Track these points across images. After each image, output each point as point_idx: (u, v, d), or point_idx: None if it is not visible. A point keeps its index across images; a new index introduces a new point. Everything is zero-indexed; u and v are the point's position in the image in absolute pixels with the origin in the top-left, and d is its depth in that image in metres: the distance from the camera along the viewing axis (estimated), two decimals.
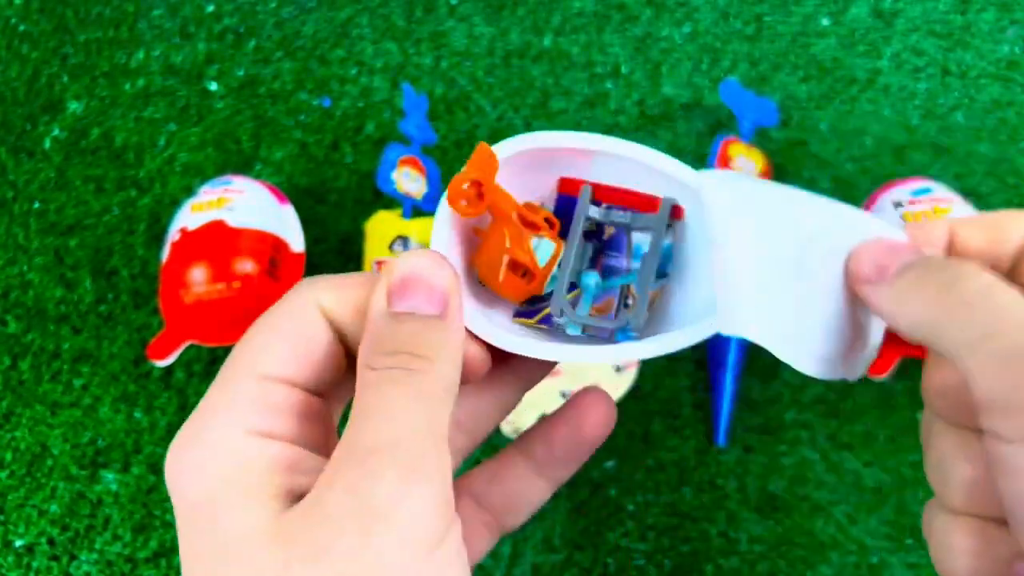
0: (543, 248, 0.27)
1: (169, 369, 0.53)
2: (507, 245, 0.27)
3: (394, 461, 0.20)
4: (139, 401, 0.53)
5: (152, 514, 0.50)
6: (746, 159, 0.53)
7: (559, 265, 0.28)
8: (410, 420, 0.21)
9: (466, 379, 0.24)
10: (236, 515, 0.20)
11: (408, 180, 0.53)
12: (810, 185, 0.57)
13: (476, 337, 0.25)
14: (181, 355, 0.53)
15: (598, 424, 0.27)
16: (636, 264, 0.28)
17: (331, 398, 0.25)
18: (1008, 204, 0.55)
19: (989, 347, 0.20)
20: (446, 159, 0.59)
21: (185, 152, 0.60)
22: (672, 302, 0.28)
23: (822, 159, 0.57)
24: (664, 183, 0.27)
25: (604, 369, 0.47)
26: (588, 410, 0.27)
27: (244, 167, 0.59)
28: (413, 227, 0.52)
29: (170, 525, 0.49)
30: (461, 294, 0.24)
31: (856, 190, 0.56)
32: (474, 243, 0.29)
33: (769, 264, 0.26)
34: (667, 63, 0.61)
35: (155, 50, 0.64)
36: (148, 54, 0.64)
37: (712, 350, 0.51)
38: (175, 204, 0.58)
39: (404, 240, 0.52)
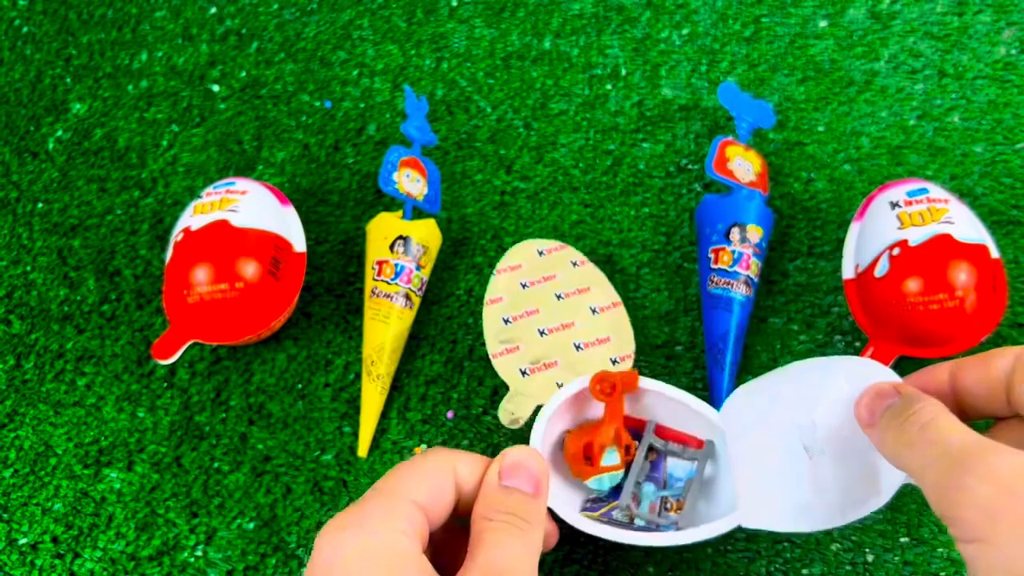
0: (610, 455, 0.43)
1: (172, 368, 0.54)
2: (598, 434, 0.42)
3: None
4: (142, 400, 0.53)
5: (155, 512, 0.50)
6: (743, 160, 0.54)
7: (626, 473, 0.44)
8: (519, 554, 0.32)
9: (545, 546, 0.37)
10: None
11: (409, 181, 0.54)
12: (807, 186, 0.57)
13: (552, 518, 0.39)
14: (184, 354, 0.54)
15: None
16: (673, 482, 0.45)
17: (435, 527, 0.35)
18: (1003, 205, 0.55)
19: (927, 475, 0.28)
20: (447, 160, 0.59)
21: (188, 153, 0.61)
22: (700, 504, 0.44)
23: (819, 160, 0.58)
24: (698, 420, 0.44)
25: (602, 363, 0.48)
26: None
27: (246, 168, 0.60)
28: (414, 228, 0.53)
29: (173, 523, 0.50)
30: (548, 480, 0.37)
31: (853, 191, 0.56)
32: (560, 438, 0.45)
33: (776, 458, 0.38)
34: (666, 65, 0.62)
35: (158, 52, 0.64)
36: (151, 56, 0.64)
37: (709, 349, 0.51)
38: (178, 205, 0.58)
39: (405, 240, 0.52)
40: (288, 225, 0.53)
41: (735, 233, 0.51)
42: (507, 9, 0.64)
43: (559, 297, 0.51)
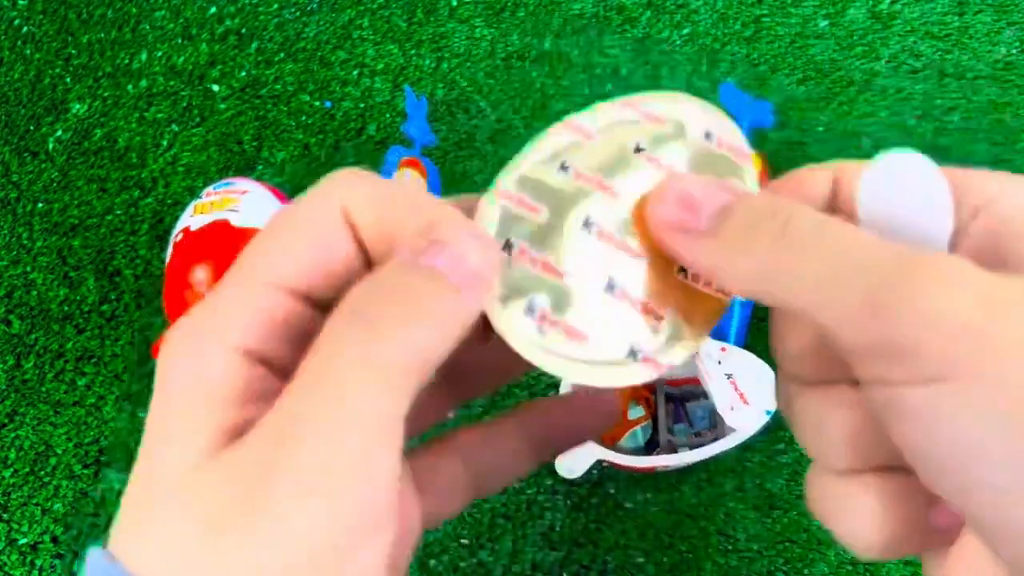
0: (635, 410, 0.47)
1: None
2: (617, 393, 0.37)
3: (311, 458, 0.17)
4: (142, 400, 0.53)
5: None
6: None
7: (654, 426, 0.51)
8: (350, 399, 0.17)
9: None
10: (177, 441, 0.19)
11: (410, 181, 0.54)
12: None
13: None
14: None
15: (599, 423, 0.28)
16: (697, 420, 0.52)
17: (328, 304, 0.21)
18: None
19: (843, 294, 0.18)
20: (447, 160, 0.59)
21: (188, 153, 0.61)
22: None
23: (820, 160, 0.58)
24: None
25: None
26: (593, 407, 0.27)
27: (246, 168, 0.60)
28: None
29: None
30: (492, 279, 0.20)
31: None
32: None
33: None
34: (666, 65, 0.62)
35: (158, 51, 0.64)
36: (151, 55, 0.64)
37: None
38: (178, 205, 0.58)
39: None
40: None
41: None
42: (507, 9, 0.64)
43: None
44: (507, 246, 0.21)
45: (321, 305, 0.20)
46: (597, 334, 0.21)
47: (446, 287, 0.19)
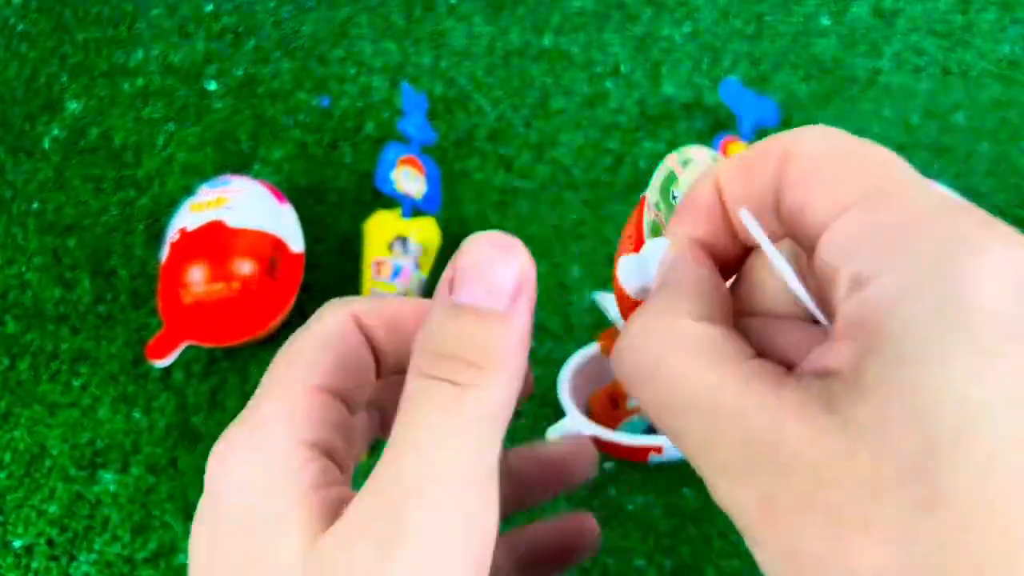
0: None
1: (168, 370, 0.53)
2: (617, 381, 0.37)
3: (419, 521, 0.18)
4: (138, 401, 0.53)
5: (151, 515, 0.50)
6: None
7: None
8: (448, 459, 0.18)
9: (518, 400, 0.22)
10: (274, 532, 0.19)
11: (407, 180, 0.53)
12: None
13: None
14: (180, 355, 0.53)
15: (584, 548, 0.28)
16: None
17: (355, 405, 0.24)
18: (1009, 203, 0.55)
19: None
20: (446, 158, 0.59)
21: (184, 152, 0.60)
22: None
23: None
24: None
25: None
26: (579, 530, 0.28)
27: (243, 167, 0.59)
28: (412, 227, 0.52)
29: (169, 526, 0.49)
30: (534, 290, 0.20)
31: None
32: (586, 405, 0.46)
33: None
34: (667, 62, 0.61)
35: (154, 50, 0.64)
36: (147, 54, 0.64)
37: None
38: (174, 204, 0.58)
39: (403, 240, 0.52)
40: (285, 224, 0.52)
41: None
42: (507, 6, 0.64)
43: None
44: None
45: (343, 399, 0.22)
46: None
47: (495, 322, 0.19)
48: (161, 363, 0.50)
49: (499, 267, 0.20)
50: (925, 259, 0.15)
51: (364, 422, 0.26)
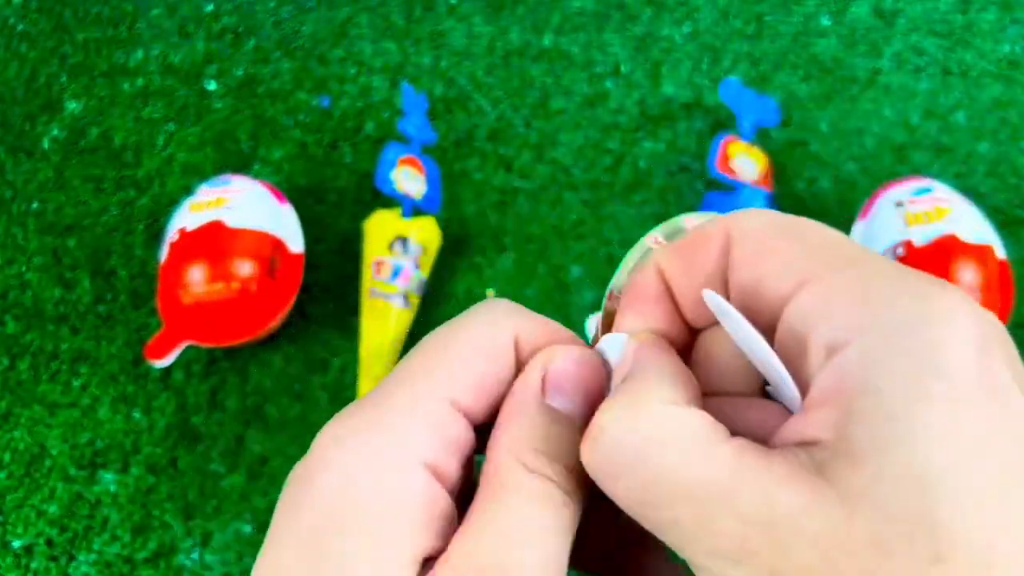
0: None
1: (168, 370, 0.53)
2: None
3: None
4: (138, 402, 0.53)
5: (151, 515, 0.50)
6: (746, 158, 0.53)
7: None
8: (538, 556, 0.17)
9: None
10: (382, 543, 0.18)
11: (407, 179, 0.53)
12: (810, 184, 0.56)
13: None
14: (180, 356, 0.53)
15: None
16: None
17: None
18: (1009, 203, 0.55)
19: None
20: (446, 158, 0.59)
21: (184, 152, 0.60)
22: None
23: (822, 159, 0.57)
24: None
25: None
26: None
27: (243, 167, 0.59)
28: (412, 227, 0.52)
29: (169, 526, 0.49)
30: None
31: (856, 190, 0.56)
32: None
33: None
34: (667, 62, 0.61)
35: (154, 50, 0.64)
36: (147, 54, 0.64)
37: None
38: (174, 204, 0.58)
39: (403, 240, 0.52)
40: (285, 224, 0.52)
41: None
42: (507, 6, 0.64)
43: None
44: None
45: (475, 424, 0.20)
46: None
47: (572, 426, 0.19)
48: (161, 363, 0.50)
49: (593, 378, 0.20)
50: (897, 322, 0.16)
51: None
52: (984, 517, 0.14)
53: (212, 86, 0.62)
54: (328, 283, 0.55)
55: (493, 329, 0.20)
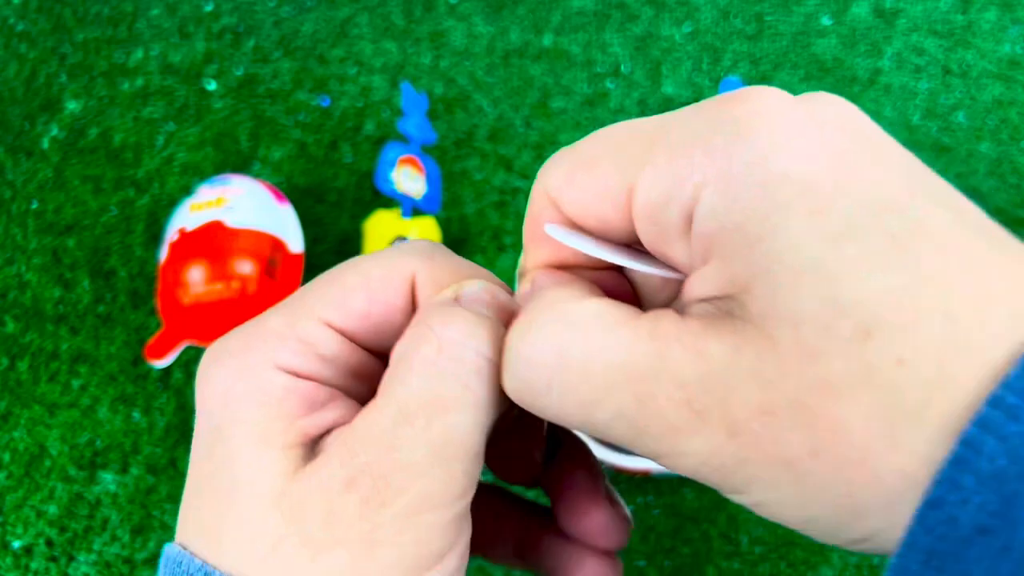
0: None
1: (167, 370, 0.53)
2: None
3: (409, 480, 0.18)
4: (137, 402, 0.53)
5: (151, 515, 0.50)
6: None
7: None
8: (455, 428, 0.18)
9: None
10: (249, 458, 0.19)
11: (407, 179, 0.53)
12: None
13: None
14: (180, 356, 0.53)
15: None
16: None
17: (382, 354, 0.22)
18: (1009, 203, 0.55)
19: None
20: (446, 158, 0.59)
21: (183, 151, 0.60)
22: None
23: None
24: None
25: None
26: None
27: (243, 166, 0.59)
28: (412, 227, 0.52)
29: (169, 527, 0.49)
30: None
31: None
32: None
33: None
34: (668, 62, 0.61)
35: (153, 49, 0.64)
36: (146, 53, 0.63)
37: None
38: (173, 204, 0.58)
39: (403, 240, 0.52)
40: (285, 224, 0.52)
41: None
42: (507, 6, 0.64)
43: None
44: None
45: (364, 345, 0.21)
46: None
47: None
48: (160, 363, 0.50)
49: (504, 300, 0.21)
50: (721, 159, 0.16)
51: None
52: (881, 281, 0.14)
53: (212, 86, 0.62)
54: None
55: (385, 264, 0.21)
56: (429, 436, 0.18)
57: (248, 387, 0.20)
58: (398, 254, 0.22)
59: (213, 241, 0.49)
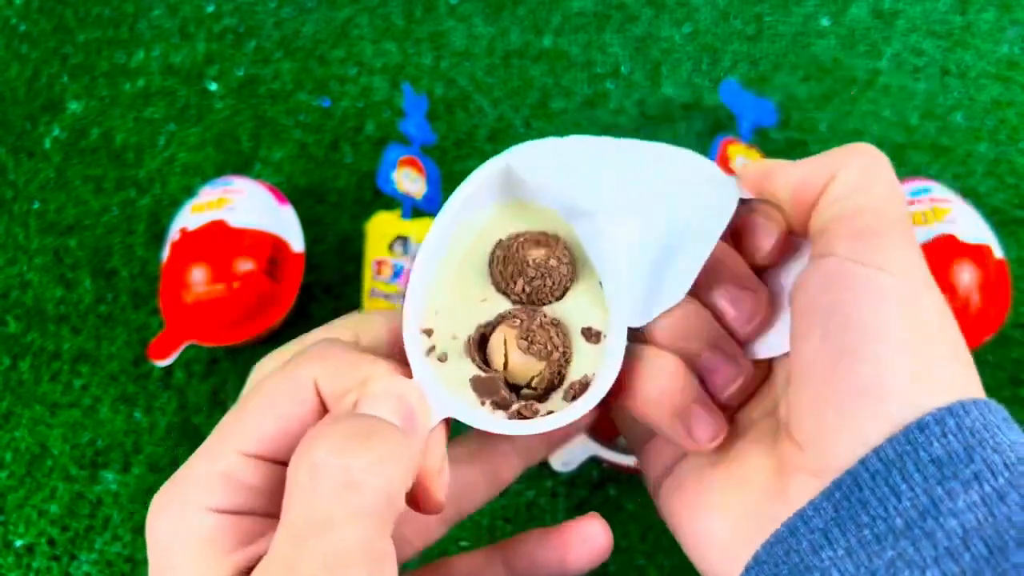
0: None
1: (169, 369, 0.53)
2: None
3: None
4: (139, 401, 0.53)
5: None
6: (745, 159, 0.53)
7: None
8: (343, 541, 0.20)
9: (425, 507, 0.24)
10: None
11: (408, 180, 0.53)
12: None
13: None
14: (181, 355, 0.53)
15: (584, 560, 0.27)
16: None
17: None
18: (1007, 203, 0.55)
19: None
20: (446, 159, 0.59)
21: (185, 152, 0.60)
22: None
23: None
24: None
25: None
26: (579, 543, 0.27)
27: (244, 167, 0.59)
28: (413, 227, 0.52)
29: None
30: (427, 420, 0.24)
31: None
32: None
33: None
34: (667, 63, 0.61)
35: (154, 50, 0.64)
36: (148, 54, 0.64)
37: None
38: (175, 204, 0.58)
39: (404, 240, 0.52)
40: (286, 225, 0.53)
41: None
42: (507, 7, 0.64)
43: None
44: None
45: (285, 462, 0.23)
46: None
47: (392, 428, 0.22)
48: (162, 363, 0.50)
49: (405, 396, 0.23)
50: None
51: None
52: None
53: (213, 86, 0.62)
54: (329, 283, 0.56)
55: (285, 380, 0.23)
56: (322, 551, 0.20)
57: (181, 534, 0.22)
58: (294, 365, 0.24)
59: (215, 241, 0.49)
